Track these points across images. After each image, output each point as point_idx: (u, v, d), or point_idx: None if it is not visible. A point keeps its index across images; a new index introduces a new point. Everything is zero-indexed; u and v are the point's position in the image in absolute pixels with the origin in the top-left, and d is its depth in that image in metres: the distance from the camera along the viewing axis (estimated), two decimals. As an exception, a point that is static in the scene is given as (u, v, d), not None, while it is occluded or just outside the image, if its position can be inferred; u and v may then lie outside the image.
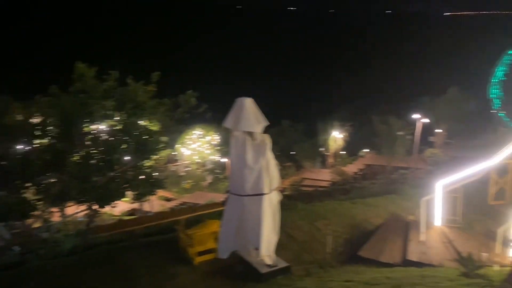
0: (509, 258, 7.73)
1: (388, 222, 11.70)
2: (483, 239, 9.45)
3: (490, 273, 6.39)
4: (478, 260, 7.59)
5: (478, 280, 5.01)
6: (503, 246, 8.68)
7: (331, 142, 35.67)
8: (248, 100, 7.98)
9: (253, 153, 7.98)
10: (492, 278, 5.17)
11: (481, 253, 7.68)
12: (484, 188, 11.55)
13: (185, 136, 36.96)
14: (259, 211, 7.86)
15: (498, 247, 8.95)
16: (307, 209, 13.70)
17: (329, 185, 27.32)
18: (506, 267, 6.61)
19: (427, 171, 26.07)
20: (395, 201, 15.36)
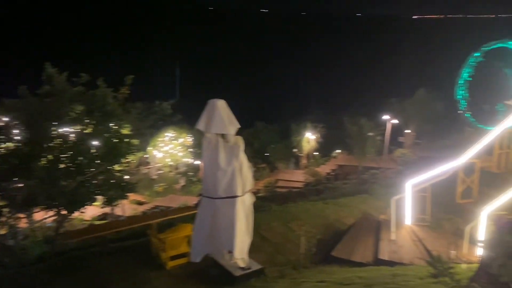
0: (476, 255, 7.94)
1: (359, 222, 11.88)
2: (451, 237, 9.70)
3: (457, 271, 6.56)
4: (447, 258, 7.79)
5: (446, 279, 5.12)
6: (471, 244, 8.94)
7: (305, 143, 35.94)
8: (220, 102, 7.93)
9: (226, 155, 7.93)
10: (459, 276, 5.31)
11: (450, 251, 7.87)
12: (452, 187, 11.86)
13: (157, 138, 36.46)
14: (232, 214, 7.82)
15: (466, 245, 9.22)
16: (281, 210, 13.77)
17: (303, 186, 27.49)
18: (473, 264, 6.79)
19: (397, 171, 26.57)
20: (367, 201, 15.62)
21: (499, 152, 11.65)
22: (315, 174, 28.60)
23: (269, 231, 11.42)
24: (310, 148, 36.09)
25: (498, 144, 11.59)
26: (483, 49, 30.52)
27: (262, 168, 34.19)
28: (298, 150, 37.12)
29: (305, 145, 35.66)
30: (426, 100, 34.61)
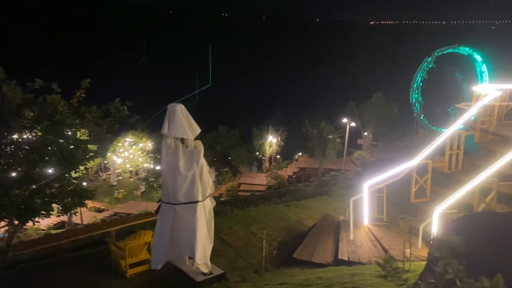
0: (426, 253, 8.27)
1: (320, 223, 12.08)
2: (406, 235, 10.04)
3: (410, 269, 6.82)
4: (402, 256, 8.06)
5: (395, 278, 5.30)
6: (424, 242, 9.31)
7: (267, 147, 36.18)
8: (179, 106, 7.87)
9: (185, 160, 7.87)
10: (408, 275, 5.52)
11: (405, 249, 8.15)
12: (406, 187, 12.29)
13: (116, 144, 35.62)
14: (193, 220, 7.76)
15: (420, 243, 9.59)
16: (243, 214, 13.81)
17: (265, 189, 27.66)
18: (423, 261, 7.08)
19: (356, 172, 27.29)
20: (327, 202, 15.96)
21: (449, 153, 12.18)
22: (277, 177, 28.84)
23: (230, 236, 11.42)
24: (272, 151, 36.37)
25: (448, 145, 12.11)
26: (435, 54, 31.96)
27: (225, 172, 34.12)
28: (261, 153, 37.33)
29: (267, 148, 35.91)
30: (383, 103, 35.72)
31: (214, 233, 8.44)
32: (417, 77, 32.58)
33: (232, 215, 13.20)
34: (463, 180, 10.38)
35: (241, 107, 63.06)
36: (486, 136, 12.72)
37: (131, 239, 9.42)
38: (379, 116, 35.26)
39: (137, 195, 35.06)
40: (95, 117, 10.20)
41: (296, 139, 36.95)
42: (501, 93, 12.99)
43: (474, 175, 10.17)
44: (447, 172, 12.20)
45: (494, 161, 10.46)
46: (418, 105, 32.80)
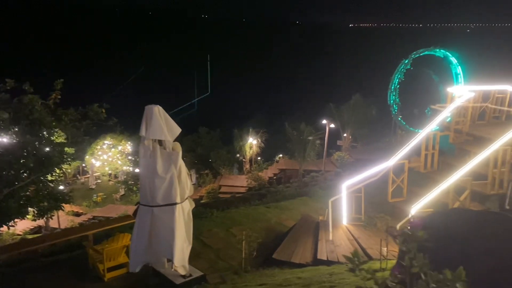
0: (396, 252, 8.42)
1: (299, 224, 12.16)
2: (384, 235, 10.20)
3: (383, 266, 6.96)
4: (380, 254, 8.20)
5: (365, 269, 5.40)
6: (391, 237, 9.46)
7: (247, 149, 36.23)
8: (157, 108, 7.82)
9: (163, 162, 7.83)
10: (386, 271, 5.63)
11: (382, 247, 8.29)
12: (384, 187, 12.49)
13: (95, 146, 35.13)
14: (172, 222, 7.72)
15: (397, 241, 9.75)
16: (223, 216, 13.80)
17: (246, 190, 27.70)
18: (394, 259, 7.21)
19: (335, 173, 27.57)
20: (307, 203, 16.08)
21: (425, 153, 12.44)
22: (258, 179, 28.91)
23: (210, 238, 11.40)
24: (252, 153, 36.44)
25: (424, 145, 12.37)
26: (412, 56, 32.60)
27: (205, 174, 34.02)
28: (241, 155, 37.35)
29: (248, 150, 35.96)
30: (362, 105, 36.19)
31: (194, 235, 8.42)
32: (394, 79, 33.20)
33: (212, 217, 13.17)
34: (438, 180, 10.62)
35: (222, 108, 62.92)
36: (460, 137, 13.03)
37: (109, 242, 9.32)
38: (358, 118, 35.73)
39: (116, 198, 34.61)
40: (72, 120, 10.04)
41: (277, 140, 37.14)
42: (474, 94, 13.34)
43: (448, 174, 10.42)
44: (423, 172, 12.46)
45: (468, 160, 10.73)
46: (396, 106, 33.41)
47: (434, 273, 1.98)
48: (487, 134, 12.29)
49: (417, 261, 2.04)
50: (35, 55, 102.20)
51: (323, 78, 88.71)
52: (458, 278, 1.92)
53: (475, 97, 13.53)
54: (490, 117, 14.44)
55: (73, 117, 10.13)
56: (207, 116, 53.97)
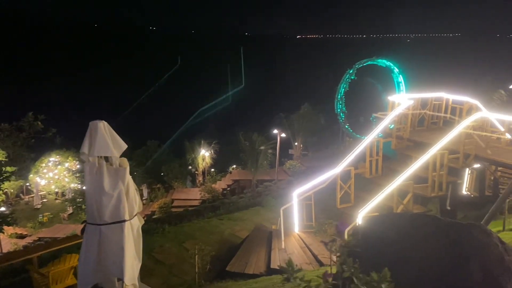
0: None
1: (253, 234, 12.24)
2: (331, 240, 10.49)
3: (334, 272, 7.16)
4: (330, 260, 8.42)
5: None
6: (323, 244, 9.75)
7: (200, 160, 35.92)
8: (102, 123, 7.64)
9: (110, 179, 7.64)
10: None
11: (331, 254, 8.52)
12: (333, 194, 12.85)
13: (39, 164, 33.51)
14: (120, 240, 7.52)
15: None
16: (176, 230, 13.62)
17: (199, 203, 27.42)
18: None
19: (288, 182, 27.96)
20: (260, 213, 16.21)
21: (370, 159, 12.96)
22: (211, 191, 28.71)
23: (162, 254, 11.21)
24: (205, 165, 36.17)
25: (368, 152, 12.88)
26: (356, 66, 33.93)
27: (157, 188, 33.33)
28: (194, 167, 36.97)
29: (200, 162, 35.66)
30: (311, 114, 37.08)
31: (146, 252, 8.26)
32: (340, 89, 34.38)
33: (164, 232, 12.96)
34: (383, 184, 11.09)
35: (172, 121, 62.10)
36: (401, 142, 13.71)
37: (55, 264, 8.93)
38: (308, 127, 36.54)
39: (64, 218, 33.05)
40: (8, 135, 9.60)
41: (230, 151, 37.13)
42: (413, 102, 14.11)
43: (392, 179, 10.91)
44: (368, 178, 12.95)
45: (409, 165, 11.30)
46: (343, 114, 34.55)
47: (363, 276, 2.11)
48: (426, 139, 13.01)
49: (347, 266, 2.16)
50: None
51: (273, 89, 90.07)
52: (384, 279, 2.06)
53: (414, 105, 14.31)
54: (428, 123, 15.30)
55: (8, 131, 9.68)
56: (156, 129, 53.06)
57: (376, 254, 2.99)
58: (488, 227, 8.99)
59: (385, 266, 2.25)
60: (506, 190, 7.98)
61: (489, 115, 12.89)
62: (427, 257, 3.00)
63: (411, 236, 3.19)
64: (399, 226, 3.32)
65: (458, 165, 11.86)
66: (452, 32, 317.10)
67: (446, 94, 15.08)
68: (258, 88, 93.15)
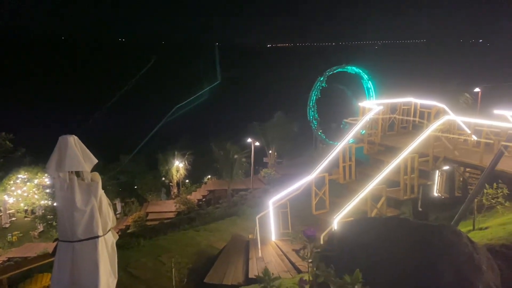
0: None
1: (230, 245, 12.18)
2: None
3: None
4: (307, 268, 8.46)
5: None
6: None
7: (174, 172, 35.56)
8: (72, 138, 7.48)
9: (82, 194, 7.46)
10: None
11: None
12: (309, 200, 12.95)
13: (7, 182, 32.41)
14: (95, 256, 7.34)
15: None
16: (151, 244, 13.42)
17: (174, 215, 27.09)
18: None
19: (264, 190, 28.02)
20: (237, 222, 16.16)
21: (343, 165, 13.15)
22: (186, 202, 28.42)
23: (138, 268, 11.01)
24: (180, 176, 35.83)
25: (341, 157, 13.08)
26: (327, 73, 34.50)
27: (131, 202, 32.77)
28: (168, 179, 36.56)
29: (175, 173, 35.31)
30: (284, 122, 37.39)
31: (121, 267, 8.08)
32: (312, 96, 34.87)
33: (139, 246, 12.74)
34: (357, 189, 11.25)
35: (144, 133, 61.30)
36: (373, 147, 13.97)
37: (26, 284, 8.66)
38: (281, 134, 36.79)
39: (34, 236, 32.00)
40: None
41: (204, 162, 36.92)
42: (383, 107, 14.43)
43: (365, 184, 11.09)
44: (342, 183, 13.12)
45: (381, 169, 11.53)
46: (315, 121, 35.01)
47: (336, 279, 2.15)
48: (396, 143, 13.32)
49: (321, 272, 2.20)
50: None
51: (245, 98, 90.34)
52: (356, 280, 2.11)
53: (384, 110, 14.64)
54: (398, 128, 15.67)
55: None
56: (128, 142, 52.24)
57: (351, 259, 3.03)
58: (459, 227, 9.25)
59: (360, 270, 2.29)
60: (473, 191, 8.23)
61: (456, 118, 13.31)
62: (400, 259, 3.07)
63: (384, 239, 3.25)
64: (372, 230, 3.38)
65: (428, 168, 12.18)
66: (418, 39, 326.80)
67: (415, 98, 15.50)
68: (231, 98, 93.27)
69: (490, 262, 3.23)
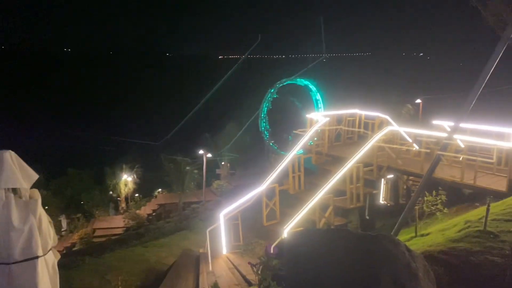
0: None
1: (180, 260, 11.94)
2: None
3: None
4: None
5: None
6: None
7: (122, 186, 34.53)
8: (9, 153, 7.07)
9: (20, 213, 7.03)
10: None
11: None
12: (260, 212, 12.99)
13: None
14: (34, 278, 6.91)
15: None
16: (97, 262, 12.89)
17: (123, 231, 26.24)
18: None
19: (216, 202, 27.79)
20: (188, 237, 15.89)
21: (293, 175, 13.35)
22: (135, 217, 27.61)
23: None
24: (128, 190, 34.83)
25: (291, 168, 13.28)
26: (277, 85, 35.05)
27: (77, 218, 31.39)
28: (116, 194, 35.43)
29: (123, 188, 34.29)
30: (236, 133, 37.52)
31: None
32: (263, 107, 35.24)
33: (84, 265, 12.19)
34: (306, 199, 11.44)
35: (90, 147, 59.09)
36: (321, 157, 14.30)
37: (-44, 313, 7.98)
38: (234, 145, 36.86)
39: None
40: None
41: (154, 175, 36.17)
42: (329, 118, 14.85)
43: (314, 193, 11.31)
44: (292, 193, 13.30)
45: (329, 179, 11.80)
46: (267, 132, 35.39)
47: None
48: (343, 153, 13.71)
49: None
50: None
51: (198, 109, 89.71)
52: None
53: (331, 121, 15.06)
54: (345, 138, 16.16)
55: None
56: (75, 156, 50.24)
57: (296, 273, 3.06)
58: (401, 234, 9.63)
59: (306, 283, 2.31)
60: (411, 199, 8.64)
61: (398, 129, 13.92)
62: (342, 270, 3.13)
63: (327, 251, 3.31)
64: (315, 242, 3.43)
65: (373, 177, 12.62)
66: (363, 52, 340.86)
67: (359, 110, 16.07)
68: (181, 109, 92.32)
69: (426, 269, 3.38)
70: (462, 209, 10.67)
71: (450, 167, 11.86)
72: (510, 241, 5.48)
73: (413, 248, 7.11)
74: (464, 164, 10.85)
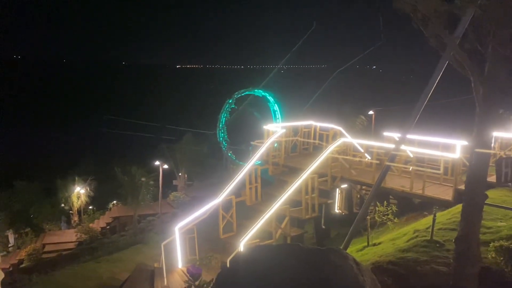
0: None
1: (134, 275, 11.62)
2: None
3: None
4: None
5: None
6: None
7: (74, 199, 33.22)
8: None
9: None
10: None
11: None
12: (217, 224, 12.88)
13: None
14: (-28, 301, 6.55)
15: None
16: (46, 280, 12.31)
17: (75, 246, 25.21)
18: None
19: (173, 214, 27.30)
20: (142, 251, 15.49)
21: (249, 187, 13.37)
22: (88, 231, 26.58)
23: (29, 309, 9.99)
24: (81, 203, 33.56)
25: (248, 179, 13.29)
26: (235, 96, 35.15)
27: (25, 233, 29.84)
28: (68, 207, 34.02)
29: (75, 200, 32.98)
30: (193, 143, 37.13)
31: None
32: (221, 118, 35.15)
33: (30, 284, 11.58)
34: (263, 210, 11.48)
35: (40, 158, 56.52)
36: (278, 168, 14.43)
37: None
38: (191, 156, 36.45)
39: None
40: None
41: (108, 187, 35.05)
42: (286, 130, 15.03)
43: (271, 204, 11.36)
44: (250, 205, 13.31)
45: (285, 190, 11.91)
46: (225, 143, 35.29)
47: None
48: (298, 164, 13.90)
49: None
50: None
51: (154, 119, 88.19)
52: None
53: (287, 132, 15.25)
54: (300, 149, 16.41)
55: None
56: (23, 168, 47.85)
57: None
58: (355, 243, 9.85)
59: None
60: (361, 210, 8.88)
61: (351, 140, 14.30)
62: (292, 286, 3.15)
63: (278, 267, 3.33)
64: (269, 259, 3.44)
65: (328, 187, 12.86)
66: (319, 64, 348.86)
67: (314, 122, 16.39)
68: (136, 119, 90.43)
69: (374, 283, 3.46)
70: (412, 218, 11.07)
71: (400, 177, 12.31)
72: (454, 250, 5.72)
73: (364, 258, 7.30)
74: (413, 174, 11.28)
